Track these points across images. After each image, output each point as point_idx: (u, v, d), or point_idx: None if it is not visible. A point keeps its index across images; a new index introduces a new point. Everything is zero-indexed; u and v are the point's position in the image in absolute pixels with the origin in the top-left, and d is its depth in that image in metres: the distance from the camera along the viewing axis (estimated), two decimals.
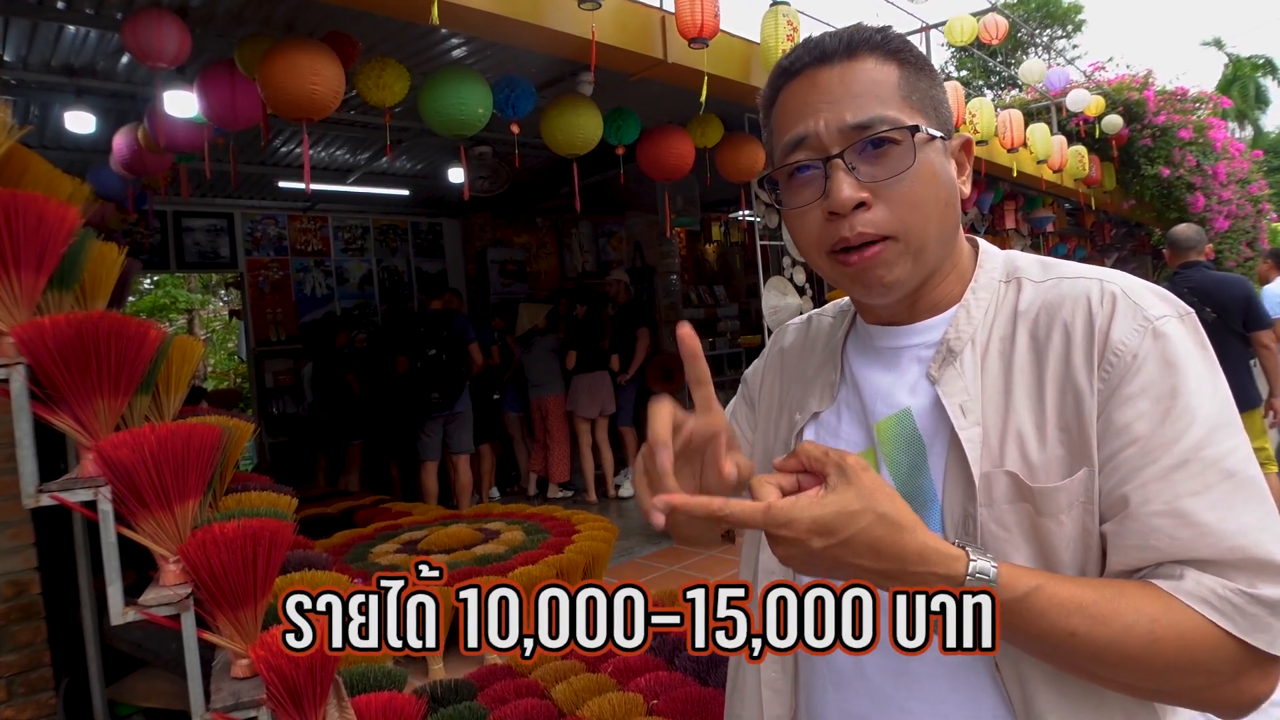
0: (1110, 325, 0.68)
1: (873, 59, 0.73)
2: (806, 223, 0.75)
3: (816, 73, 0.74)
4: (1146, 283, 0.72)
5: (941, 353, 0.76)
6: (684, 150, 4.59)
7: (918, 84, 0.74)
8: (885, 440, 0.78)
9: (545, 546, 3.85)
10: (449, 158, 6.38)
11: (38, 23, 3.56)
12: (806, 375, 0.90)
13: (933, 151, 0.73)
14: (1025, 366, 0.72)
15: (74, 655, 2.24)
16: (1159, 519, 0.63)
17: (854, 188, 0.71)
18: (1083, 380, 0.68)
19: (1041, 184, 7.65)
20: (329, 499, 5.65)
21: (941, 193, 0.74)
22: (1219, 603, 0.61)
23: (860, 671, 0.78)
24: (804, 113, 0.74)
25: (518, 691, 2.59)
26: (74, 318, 1.47)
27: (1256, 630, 0.61)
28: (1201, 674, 0.62)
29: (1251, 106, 24.61)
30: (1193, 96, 10.26)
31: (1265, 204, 12.52)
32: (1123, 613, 0.61)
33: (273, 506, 1.92)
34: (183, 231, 7.04)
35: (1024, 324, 0.73)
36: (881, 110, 0.71)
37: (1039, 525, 0.68)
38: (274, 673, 1.39)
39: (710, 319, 9.21)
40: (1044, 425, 0.69)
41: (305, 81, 3.07)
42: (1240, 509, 0.62)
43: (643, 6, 3.86)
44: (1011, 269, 0.79)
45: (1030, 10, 21.68)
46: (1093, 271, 0.74)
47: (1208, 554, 0.62)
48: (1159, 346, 0.66)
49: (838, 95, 0.72)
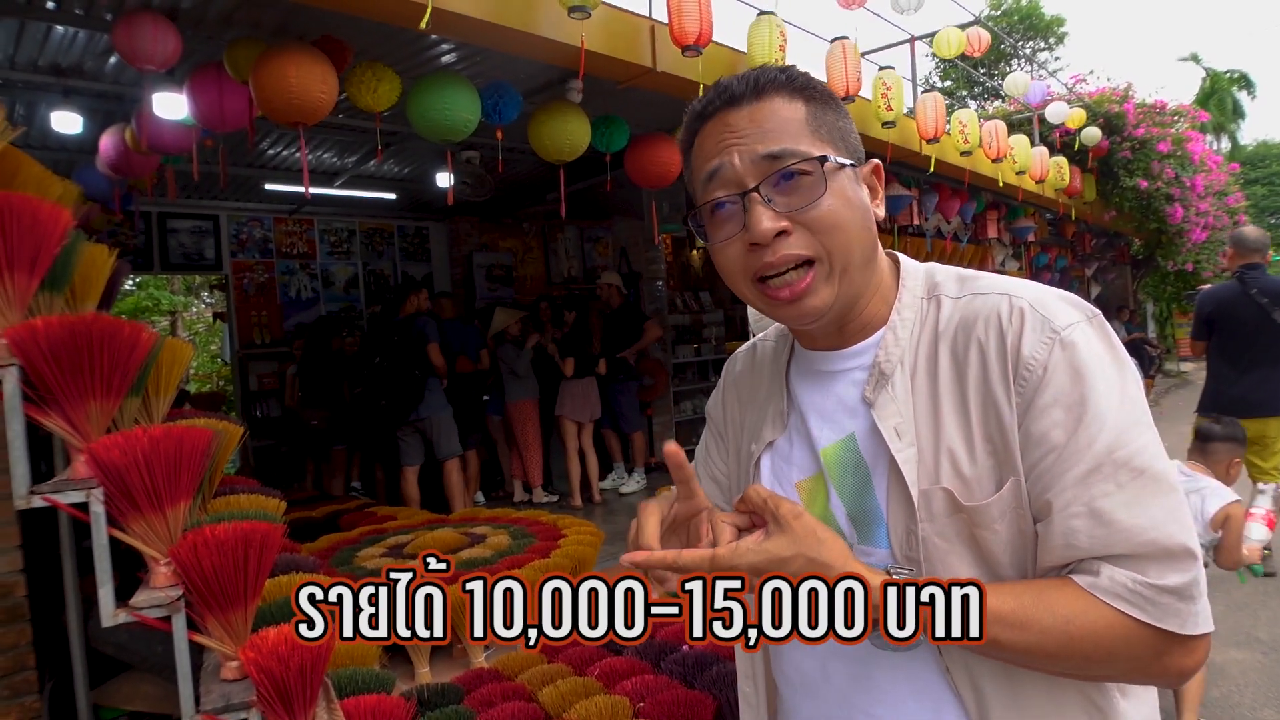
0: (1020, 340, 0.72)
1: (780, 97, 0.78)
2: (730, 255, 0.79)
3: (727, 113, 0.79)
4: (1055, 290, 0.76)
5: (874, 376, 0.80)
6: (671, 158, 4.63)
7: (824, 117, 0.79)
8: (831, 465, 0.82)
9: (531, 551, 3.85)
10: (436, 162, 6.38)
11: (25, 22, 3.54)
12: (758, 401, 0.95)
13: (844, 178, 0.78)
14: (949, 384, 0.76)
15: (59, 658, 2.23)
16: (1077, 520, 0.68)
17: (773, 219, 0.75)
18: (1000, 394, 0.72)
19: (1021, 194, 7.75)
20: (314, 503, 5.62)
21: (857, 216, 0.78)
22: (1131, 596, 0.66)
23: (826, 678, 0.82)
24: (718, 150, 0.78)
25: (505, 695, 2.59)
26: (66, 320, 1.48)
27: (1168, 616, 0.66)
28: (1123, 660, 0.67)
29: (1229, 119, 25.04)
30: (1171, 110, 10.45)
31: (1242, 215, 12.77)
32: (1039, 618, 0.67)
33: (261, 509, 1.92)
34: (167, 233, 6.98)
35: (945, 342, 0.78)
36: (791, 144, 0.76)
37: (977, 535, 0.73)
38: (264, 675, 1.40)
39: (696, 325, 9.25)
40: (971, 439, 0.74)
41: (301, 85, 3.08)
42: (1150, 504, 0.67)
43: (632, 15, 3.89)
44: (931, 285, 0.83)
45: (1014, 22, 21.95)
46: (1004, 285, 0.78)
47: (1122, 549, 0.67)
48: (1067, 356, 0.71)
49: (748, 132, 0.77)
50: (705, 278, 10.13)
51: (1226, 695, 2.93)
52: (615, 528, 5.70)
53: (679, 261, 9.80)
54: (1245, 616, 3.65)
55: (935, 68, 20.62)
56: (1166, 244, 11.16)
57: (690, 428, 8.53)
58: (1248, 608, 3.76)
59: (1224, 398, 4.30)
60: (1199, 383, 5.78)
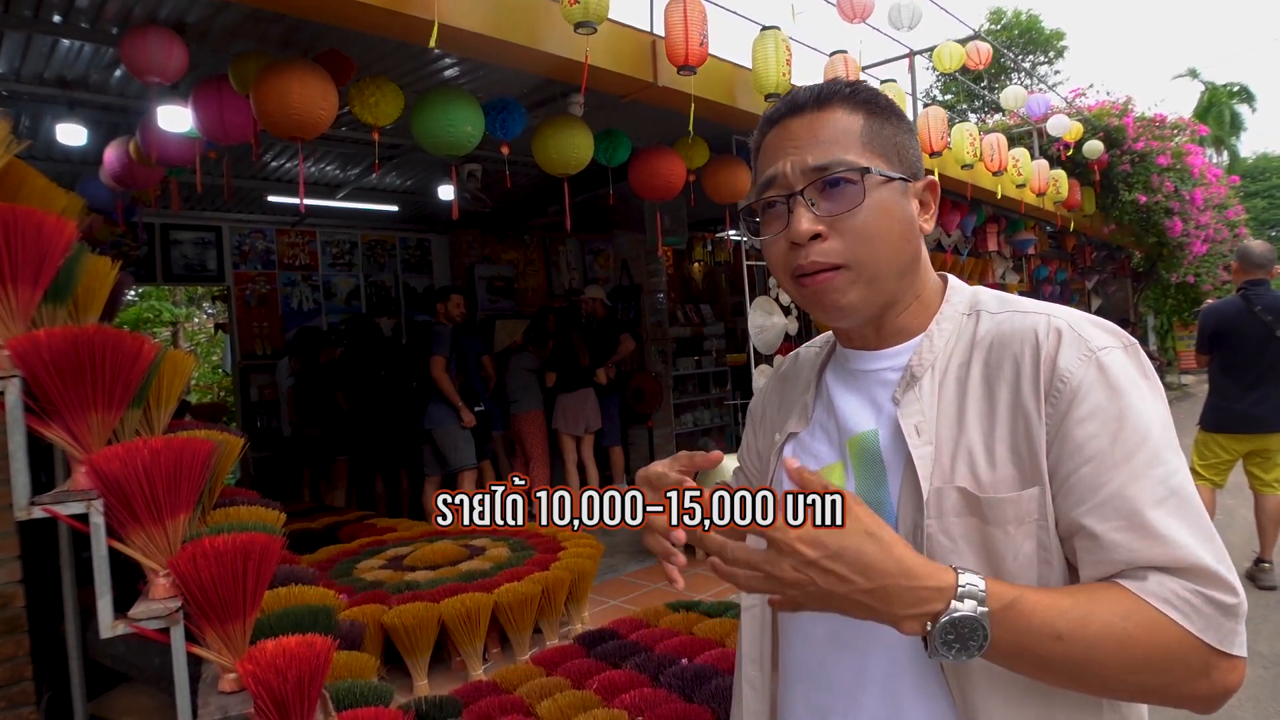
0: (1057, 355, 0.74)
1: (842, 109, 0.82)
2: (775, 250, 0.84)
3: (790, 121, 0.84)
4: (1091, 316, 0.78)
5: (905, 378, 0.83)
6: (675, 170, 4.65)
7: (881, 131, 0.83)
8: (854, 456, 0.85)
9: (530, 563, 3.85)
10: (439, 174, 6.41)
11: (32, 35, 3.58)
12: (790, 399, 0.99)
13: (887, 191, 0.81)
14: (978, 392, 0.78)
15: (56, 669, 2.23)
16: (1120, 532, 0.68)
17: (811, 221, 0.79)
18: (1031, 407, 0.74)
19: (1022, 207, 7.78)
20: (313, 514, 5.62)
21: (895, 227, 0.81)
22: (1179, 602, 0.66)
23: (823, 668, 0.85)
24: (776, 156, 0.83)
25: (502, 708, 2.58)
26: (69, 331, 1.48)
27: (1210, 629, 0.66)
28: (1177, 667, 0.66)
29: (1227, 133, 25.11)
30: (1170, 123, 10.47)
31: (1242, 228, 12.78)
32: (1099, 613, 0.65)
33: (261, 521, 1.93)
34: (170, 244, 7.02)
35: (979, 353, 0.80)
36: (841, 154, 0.80)
37: (986, 535, 0.74)
38: (261, 687, 1.39)
39: (696, 337, 9.26)
40: (993, 447, 0.75)
41: (298, 102, 3.10)
42: (1185, 523, 0.68)
43: (635, 31, 3.92)
44: (974, 303, 0.86)
45: (1013, 36, 22.08)
46: (1043, 307, 0.80)
47: (1162, 561, 0.67)
48: (1102, 375, 0.72)
49: (805, 141, 0.81)
50: (706, 290, 10.14)
51: (1229, 711, 2.91)
52: (614, 540, 5.69)
53: (680, 274, 9.82)
54: (1247, 631, 3.63)
55: (936, 81, 20.73)
56: (1167, 257, 11.18)
57: (690, 440, 8.51)
58: (1249, 621, 3.73)
59: (1226, 413, 4.30)
60: (1200, 395, 5.78)
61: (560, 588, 3.62)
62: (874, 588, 0.64)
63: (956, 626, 0.64)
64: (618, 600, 4.36)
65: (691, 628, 3.25)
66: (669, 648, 3.00)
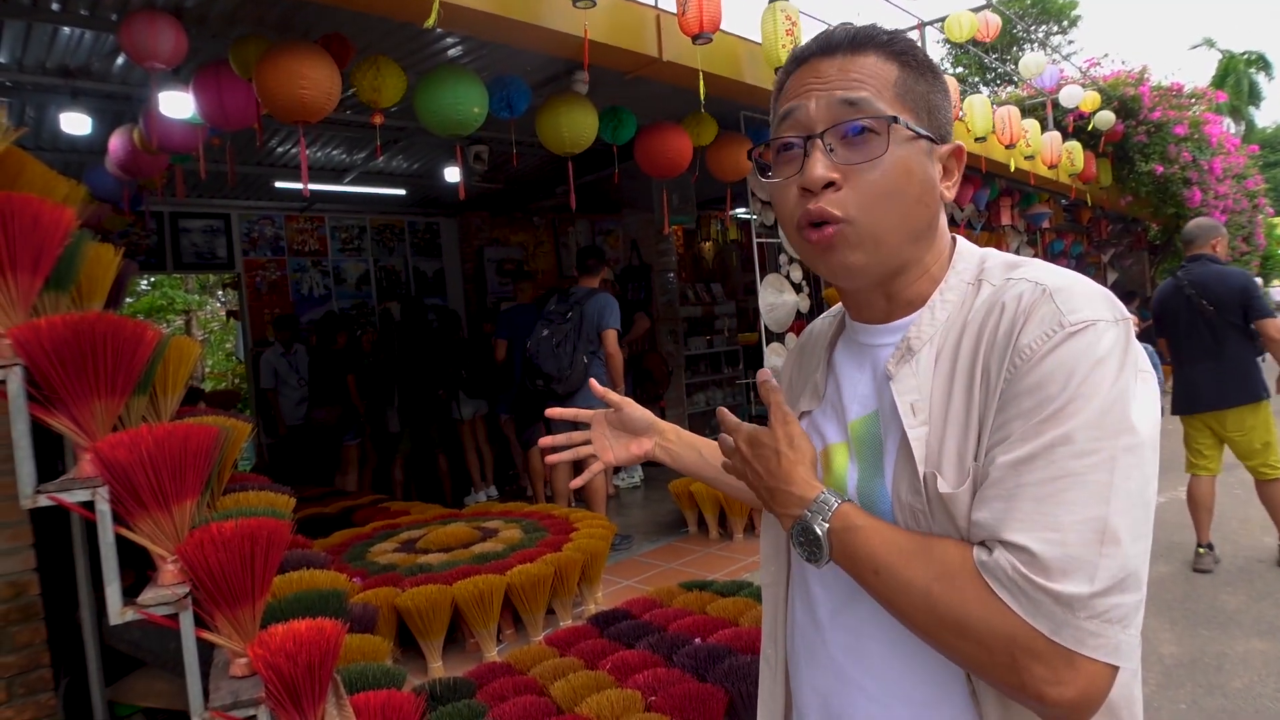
0: (1024, 329, 0.70)
1: (876, 55, 0.77)
2: (785, 196, 0.79)
3: (820, 61, 0.79)
4: (1093, 287, 0.72)
5: (900, 350, 0.79)
6: (682, 146, 4.60)
7: (915, 86, 0.78)
8: (856, 438, 0.83)
9: (543, 545, 3.85)
10: (445, 157, 6.37)
11: (32, 24, 3.56)
12: (806, 371, 0.96)
13: (911, 149, 0.76)
14: (965, 367, 0.74)
15: (73, 656, 2.25)
16: (996, 501, 0.66)
17: (826, 167, 0.75)
18: (995, 381, 0.70)
19: (1032, 179, 7.65)
20: (326, 499, 5.65)
21: (912, 189, 0.76)
22: (1006, 580, 0.64)
23: (825, 648, 0.84)
24: (799, 93, 0.79)
25: (516, 689, 2.59)
26: (70, 319, 1.47)
27: (1040, 615, 0.62)
28: (972, 641, 0.65)
29: (1245, 102, 24.64)
30: (1188, 92, 10.27)
31: (1261, 199, 12.55)
32: (919, 564, 0.69)
33: (270, 506, 1.92)
34: (179, 232, 7.03)
35: (972, 325, 0.75)
36: (872, 97, 0.75)
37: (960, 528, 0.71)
38: (272, 671, 1.39)
39: (707, 316, 9.22)
40: (969, 425, 0.72)
41: (300, 85, 3.07)
42: (1063, 510, 0.63)
43: (637, 5, 3.86)
44: (980, 270, 0.80)
45: (1025, 7, 21.68)
46: (1041, 274, 0.74)
47: (1018, 539, 0.64)
48: (1061, 352, 0.67)
49: (834, 80, 0.77)
50: (717, 269, 10.09)
51: (1249, 686, 2.88)
52: (627, 520, 5.70)
53: (690, 253, 9.77)
54: (1268, 606, 3.59)
55: (947, 53, 20.40)
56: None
57: (703, 420, 8.50)
58: (1270, 597, 3.70)
59: (1179, 396, 4.27)
60: None
61: (573, 568, 3.62)
62: (772, 486, 0.80)
63: (805, 533, 0.76)
64: (631, 580, 4.36)
65: (705, 607, 3.24)
66: (682, 627, 3.00)
